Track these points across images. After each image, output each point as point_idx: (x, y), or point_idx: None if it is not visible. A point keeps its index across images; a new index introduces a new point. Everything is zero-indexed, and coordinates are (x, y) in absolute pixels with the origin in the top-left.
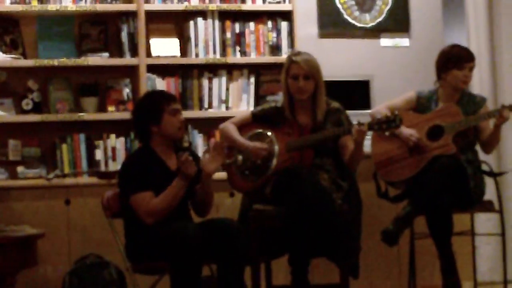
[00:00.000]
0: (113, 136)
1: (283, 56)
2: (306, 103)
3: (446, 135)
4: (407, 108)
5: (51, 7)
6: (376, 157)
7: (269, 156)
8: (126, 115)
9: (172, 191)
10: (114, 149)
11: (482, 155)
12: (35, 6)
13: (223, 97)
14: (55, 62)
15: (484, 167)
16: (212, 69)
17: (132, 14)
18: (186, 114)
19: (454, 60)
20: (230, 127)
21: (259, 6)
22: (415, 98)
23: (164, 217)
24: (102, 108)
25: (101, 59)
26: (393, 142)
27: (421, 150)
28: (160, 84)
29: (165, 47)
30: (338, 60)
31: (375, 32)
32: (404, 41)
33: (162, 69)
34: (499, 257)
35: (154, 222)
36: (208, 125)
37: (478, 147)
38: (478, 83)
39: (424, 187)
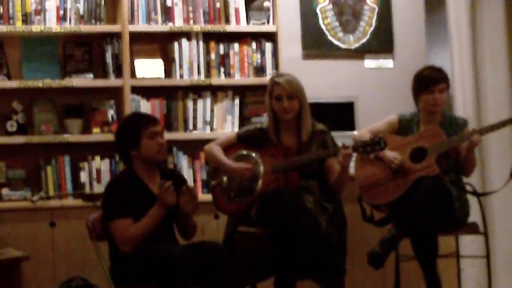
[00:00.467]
0: (97, 158)
1: (267, 77)
2: (291, 124)
3: (429, 156)
4: (390, 131)
5: (35, 28)
6: (360, 181)
7: (254, 178)
8: (110, 137)
9: (149, 220)
10: (99, 171)
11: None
12: (19, 27)
13: (208, 119)
14: (40, 83)
15: (468, 188)
16: (197, 90)
17: (117, 35)
18: (171, 135)
19: (423, 84)
20: (215, 148)
21: (243, 27)
22: (397, 121)
23: (147, 240)
24: (86, 130)
25: (86, 80)
26: (376, 165)
27: (404, 172)
28: (145, 105)
29: (149, 68)
30: (322, 81)
31: (359, 53)
32: (388, 63)
33: (146, 91)
34: (484, 279)
35: (131, 250)
36: (193, 147)
37: None
38: (462, 103)
39: (408, 209)
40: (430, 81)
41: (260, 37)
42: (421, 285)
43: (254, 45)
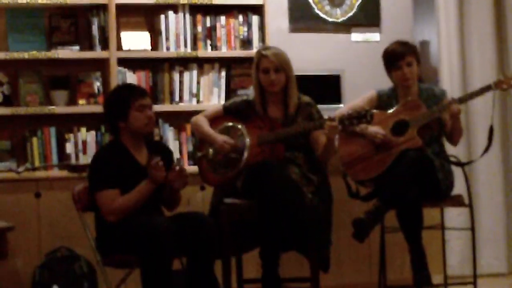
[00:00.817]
0: (83, 129)
1: (254, 50)
2: (277, 97)
3: (411, 129)
4: (369, 107)
5: None
6: (343, 158)
7: (240, 150)
8: (96, 109)
9: (138, 193)
10: (85, 143)
11: (452, 149)
12: None
13: (194, 91)
14: (26, 55)
15: (453, 160)
16: (183, 62)
17: (103, 7)
18: (157, 108)
19: (390, 61)
20: (201, 120)
21: (230, 0)
22: (376, 97)
23: (134, 211)
24: (72, 102)
25: (72, 52)
26: (359, 141)
27: (387, 146)
28: (131, 77)
29: (135, 41)
30: (309, 54)
31: (346, 26)
32: (375, 36)
33: (133, 63)
34: (469, 251)
35: (117, 220)
36: (179, 119)
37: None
38: (448, 78)
39: (392, 182)
40: (396, 57)
41: (247, 10)
42: (406, 257)
43: (240, 18)
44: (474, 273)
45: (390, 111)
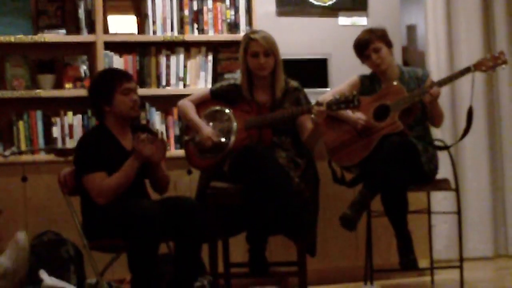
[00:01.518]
0: (70, 113)
1: (241, 34)
2: (265, 81)
3: (392, 113)
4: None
5: None
6: (327, 144)
7: (227, 134)
8: (83, 92)
9: (125, 172)
10: (71, 126)
11: (439, 133)
12: None
13: (181, 75)
14: (12, 39)
15: (437, 143)
16: (170, 46)
17: None
18: (144, 91)
19: (358, 52)
20: (187, 105)
21: None
22: (359, 82)
23: (120, 195)
24: (59, 85)
25: (58, 36)
26: (341, 127)
27: (369, 131)
28: (118, 61)
29: (122, 24)
30: (296, 38)
31: (333, 10)
32: (362, 20)
33: (119, 46)
34: (455, 235)
35: (107, 202)
36: (166, 103)
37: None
38: (435, 61)
39: (376, 167)
40: (362, 46)
41: None
42: (392, 241)
43: (228, 1)
44: (460, 257)
45: (372, 96)
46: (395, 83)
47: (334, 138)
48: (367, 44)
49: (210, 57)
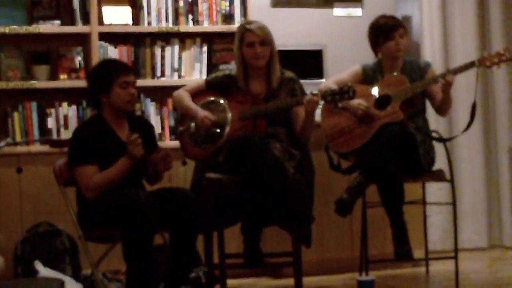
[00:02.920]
0: (65, 104)
1: (236, 25)
2: (260, 71)
3: (393, 103)
4: (354, 81)
5: None
6: (326, 130)
7: (221, 124)
8: (78, 83)
9: (116, 169)
10: (66, 117)
11: (434, 125)
12: None
13: (176, 66)
14: (6, 30)
15: (435, 135)
16: (165, 37)
17: None
18: (139, 82)
19: (382, 33)
20: (183, 94)
21: None
22: (360, 71)
23: (113, 187)
24: (54, 76)
25: (53, 26)
26: (342, 114)
27: (369, 119)
28: (113, 52)
29: (117, 15)
30: (291, 29)
31: (328, 1)
32: (357, 11)
33: (114, 37)
34: (450, 226)
35: (93, 197)
36: (161, 94)
37: (428, 115)
38: (430, 52)
39: (373, 155)
40: (389, 28)
41: None
42: (387, 232)
43: None
44: (455, 247)
45: (374, 85)
46: (397, 73)
47: (333, 124)
48: (396, 28)
49: (205, 48)
